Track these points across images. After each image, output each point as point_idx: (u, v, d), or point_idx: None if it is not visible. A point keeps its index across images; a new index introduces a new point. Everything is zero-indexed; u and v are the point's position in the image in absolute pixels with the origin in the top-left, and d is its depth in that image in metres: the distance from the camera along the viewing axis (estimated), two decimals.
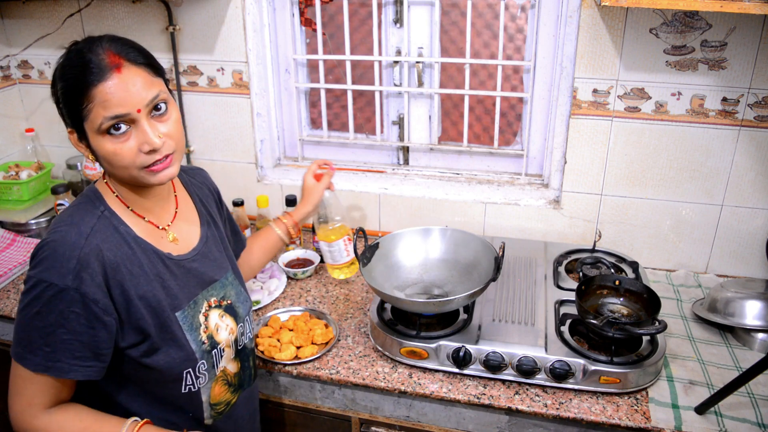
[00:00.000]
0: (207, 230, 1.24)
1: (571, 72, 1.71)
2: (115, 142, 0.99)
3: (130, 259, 1.06)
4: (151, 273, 1.08)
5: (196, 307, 1.15)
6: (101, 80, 0.96)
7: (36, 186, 2.10)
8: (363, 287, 1.76)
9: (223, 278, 1.23)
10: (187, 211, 1.23)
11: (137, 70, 0.99)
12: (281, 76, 2.05)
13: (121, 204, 1.10)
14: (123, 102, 0.97)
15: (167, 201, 1.18)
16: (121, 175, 1.04)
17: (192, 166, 1.35)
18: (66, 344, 1.01)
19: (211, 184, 1.35)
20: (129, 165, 1.00)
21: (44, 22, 2.06)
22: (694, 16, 1.55)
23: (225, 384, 1.22)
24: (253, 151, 2.05)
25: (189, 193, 1.26)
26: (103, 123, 0.97)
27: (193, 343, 1.12)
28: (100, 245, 1.02)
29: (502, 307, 1.51)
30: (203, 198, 1.28)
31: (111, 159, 1.00)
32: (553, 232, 1.87)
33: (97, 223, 1.05)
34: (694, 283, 1.74)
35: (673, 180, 1.72)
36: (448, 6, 1.85)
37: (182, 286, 1.13)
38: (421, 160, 2.05)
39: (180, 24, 1.93)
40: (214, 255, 1.23)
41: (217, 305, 1.20)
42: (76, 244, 1.01)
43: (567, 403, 1.31)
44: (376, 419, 1.46)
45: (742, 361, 1.42)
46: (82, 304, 1.00)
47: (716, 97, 1.61)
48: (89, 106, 0.97)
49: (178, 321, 1.11)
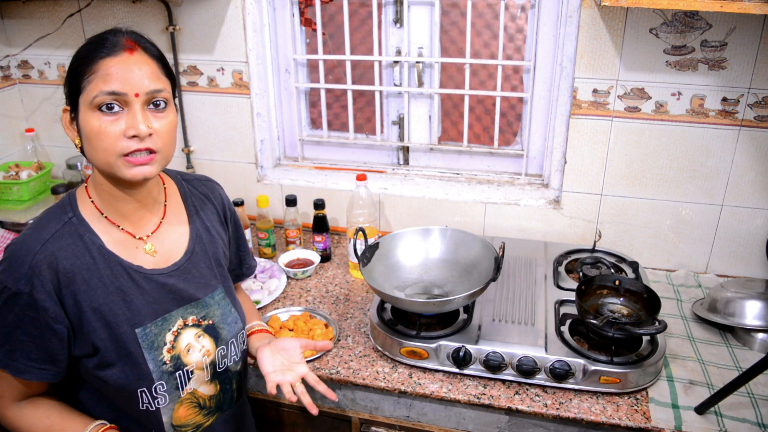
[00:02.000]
0: (196, 244, 1.17)
1: (571, 72, 1.71)
2: (103, 119, 0.96)
3: (89, 270, 1.03)
4: (111, 285, 1.04)
5: (165, 325, 1.09)
6: (110, 55, 0.97)
7: (36, 186, 2.10)
8: (363, 287, 1.76)
9: (208, 297, 1.16)
10: (177, 223, 1.16)
11: (148, 60, 1.00)
12: (281, 76, 2.05)
13: (94, 211, 1.06)
14: (124, 81, 0.96)
15: (151, 209, 1.12)
16: (98, 161, 1.00)
17: (201, 176, 1.29)
18: (23, 345, 1.02)
19: (219, 197, 1.27)
20: (108, 147, 0.97)
21: (44, 22, 2.06)
22: (694, 16, 1.55)
23: (194, 406, 1.16)
24: (253, 151, 2.05)
25: (185, 203, 1.20)
26: (98, 96, 0.95)
27: (151, 363, 1.06)
28: (56, 253, 1.00)
29: (502, 307, 1.51)
30: (201, 210, 1.21)
31: (93, 138, 0.97)
32: (553, 232, 1.87)
33: (60, 229, 1.02)
34: (694, 283, 1.74)
35: (673, 180, 1.72)
36: (448, 6, 1.85)
37: (149, 302, 1.08)
38: (421, 160, 2.05)
39: (180, 24, 1.93)
40: (200, 271, 1.16)
41: (195, 324, 1.13)
42: (31, 249, 0.99)
43: (567, 403, 1.31)
44: (376, 419, 1.46)
45: (742, 361, 1.42)
46: (35, 309, 0.99)
47: (716, 97, 1.61)
48: (90, 77, 0.96)
49: (137, 338, 1.05)
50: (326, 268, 1.88)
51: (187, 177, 1.25)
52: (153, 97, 0.99)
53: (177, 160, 2.12)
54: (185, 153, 2.10)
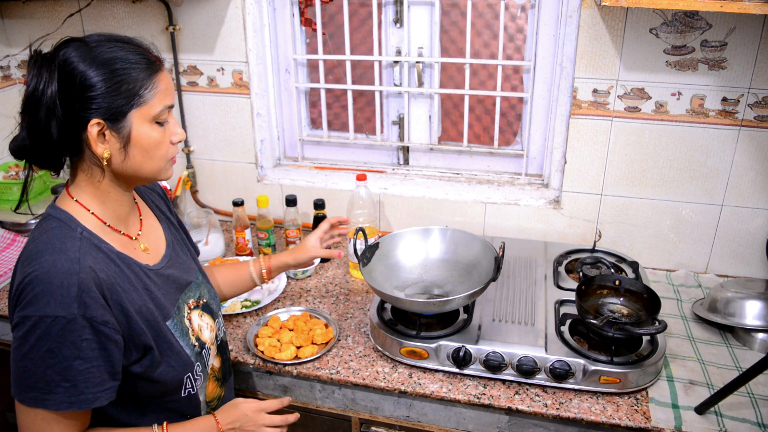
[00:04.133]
0: (169, 234, 1.23)
1: (571, 72, 1.71)
2: (162, 132, 1.04)
3: (120, 276, 1.04)
4: (139, 287, 1.07)
5: (180, 313, 1.16)
6: (160, 70, 1.03)
7: (36, 186, 2.10)
8: (363, 287, 1.76)
9: (195, 279, 1.24)
10: (150, 217, 1.22)
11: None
12: (281, 76, 2.05)
13: (96, 221, 1.06)
14: (172, 95, 1.05)
15: (133, 209, 1.16)
16: (149, 169, 1.05)
17: None
18: (85, 374, 0.97)
19: (157, 188, 1.31)
20: (164, 155, 1.05)
21: (44, 22, 2.06)
22: (694, 16, 1.55)
23: (215, 380, 1.25)
24: (253, 151, 2.05)
25: (143, 199, 1.24)
26: (162, 111, 1.02)
27: (187, 348, 1.13)
28: (93, 267, 0.99)
29: (502, 307, 1.51)
30: (156, 202, 1.27)
31: (152, 149, 1.03)
32: (553, 232, 1.87)
33: (81, 245, 1.00)
34: (694, 283, 1.74)
35: (673, 180, 1.72)
36: (448, 6, 1.85)
37: (165, 295, 1.13)
38: (421, 160, 2.05)
39: (180, 24, 1.93)
40: (181, 258, 1.23)
41: (195, 306, 1.21)
42: (71, 270, 0.96)
43: (567, 403, 1.31)
44: (376, 419, 1.46)
45: (742, 361, 1.42)
46: (92, 329, 0.96)
47: (716, 97, 1.61)
48: (152, 91, 1.00)
49: (170, 329, 1.11)
50: (326, 268, 1.88)
51: None
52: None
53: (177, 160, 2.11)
54: (185, 153, 2.10)
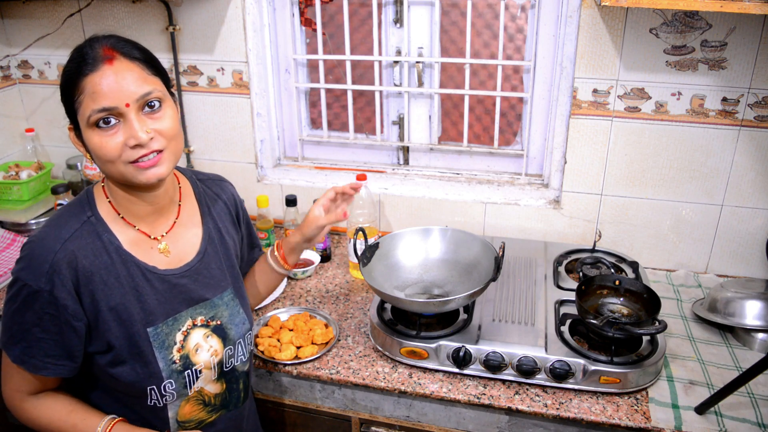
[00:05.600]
0: (208, 245, 1.18)
1: (571, 72, 1.71)
2: (103, 135, 0.97)
3: (107, 269, 1.04)
4: (127, 285, 1.06)
5: (176, 324, 1.11)
6: (92, 71, 0.96)
7: (36, 186, 2.09)
8: (363, 287, 1.76)
9: (217, 298, 1.17)
10: (190, 223, 1.17)
11: (130, 65, 0.99)
12: (281, 76, 2.05)
13: (111, 211, 1.08)
14: (111, 95, 0.95)
15: (167, 209, 1.13)
16: (110, 172, 1.01)
17: (214, 175, 1.29)
18: (41, 342, 1.03)
19: (231, 197, 1.28)
20: (114, 159, 0.98)
21: (44, 22, 2.06)
22: (694, 16, 1.55)
23: (199, 404, 1.17)
24: (253, 151, 2.05)
25: (198, 203, 1.20)
26: (92, 115, 0.96)
27: (161, 362, 1.08)
28: (76, 252, 1.02)
29: (502, 307, 1.51)
30: (214, 211, 1.22)
31: (98, 153, 0.99)
32: (553, 232, 1.87)
33: (80, 228, 1.04)
34: (694, 283, 1.74)
35: (673, 180, 1.72)
36: (448, 6, 1.85)
37: (162, 302, 1.09)
38: (421, 160, 2.05)
39: (180, 24, 1.93)
40: (210, 272, 1.17)
41: (204, 324, 1.15)
42: (52, 248, 1.01)
43: (567, 403, 1.31)
44: (376, 419, 1.46)
45: (742, 361, 1.42)
46: (55, 307, 1.01)
47: (716, 97, 1.61)
48: (80, 97, 0.96)
49: (149, 337, 1.07)
50: (326, 268, 1.88)
51: (202, 177, 1.26)
52: (145, 101, 0.99)
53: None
54: (185, 153, 2.10)
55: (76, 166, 2.13)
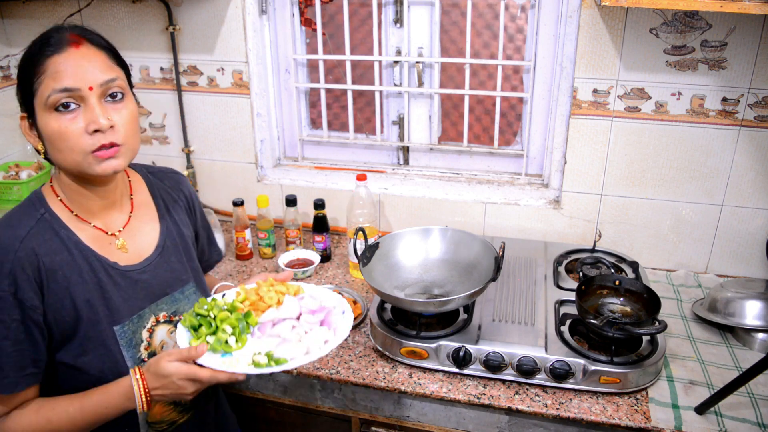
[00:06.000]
0: (167, 239, 1.16)
1: (571, 72, 1.71)
2: (62, 119, 0.94)
3: (69, 266, 1.01)
4: (90, 282, 1.03)
5: (140, 322, 1.09)
6: (57, 52, 0.94)
7: (36, 186, 2.09)
8: (363, 287, 1.76)
9: (178, 292, 1.15)
10: (146, 217, 1.15)
11: (96, 51, 0.98)
12: (281, 76, 2.05)
13: (64, 208, 1.04)
14: (75, 76, 0.94)
15: (119, 204, 1.11)
16: (64, 161, 0.98)
17: (166, 168, 1.27)
18: (12, 357, 0.98)
19: (184, 189, 1.25)
20: (74, 147, 0.95)
21: (44, 22, 2.05)
22: (694, 16, 1.55)
23: (169, 403, 1.15)
24: (253, 151, 2.05)
25: (153, 196, 1.18)
26: (52, 95, 0.93)
27: (129, 360, 1.06)
28: (36, 249, 0.98)
29: (502, 307, 1.51)
30: (169, 203, 1.20)
31: (56, 139, 0.95)
32: (553, 232, 1.87)
33: (35, 225, 1.00)
34: (694, 283, 1.74)
35: (673, 180, 1.72)
36: (448, 6, 1.85)
37: (126, 299, 1.07)
38: (421, 160, 2.05)
39: (180, 24, 1.93)
40: (171, 266, 1.15)
41: (166, 320, 1.12)
42: (10, 247, 0.96)
43: (567, 403, 1.31)
44: (376, 419, 1.46)
45: (742, 361, 1.42)
46: (20, 311, 0.97)
47: (716, 97, 1.61)
48: (41, 77, 0.94)
49: (116, 335, 1.05)
50: (326, 268, 1.88)
51: (153, 170, 1.24)
52: (108, 88, 0.97)
53: (177, 160, 2.12)
54: (185, 153, 2.09)
55: None
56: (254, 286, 1.14)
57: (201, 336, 1.02)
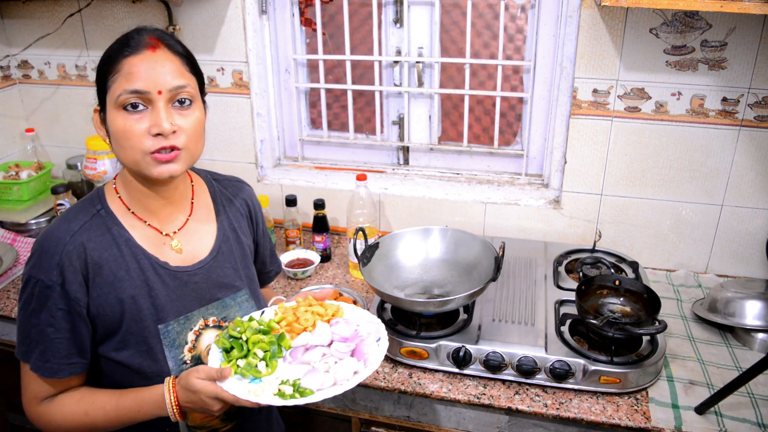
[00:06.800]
0: (222, 245, 1.16)
1: (571, 72, 1.71)
2: (129, 119, 0.97)
3: (116, 261, 1.04)
4: (137, 279, 1.05)
5: (187, 323, 1.09)
6: (133, 53, 0.97)
7: (36, 186, 2.10)
8: (363, 287, 1.76)
9: (229, 298, 1.15)
10: (204, 221, 1.16)
11: (172, 56, 1.00)
12: (281, 76, 2.05)
13: (122, 206, 1.08)
14: (147, 79, 0.96)
15: (178, 206, 1.12)
16: (127, 160, 1.00)
17: (231, 176, 1.28)
18: (54, 343, 1.02)
19: (248, 199, 1.25)
20: (135, 146, 0.98)
21: (44, 22, 2.06)
22: (694, 16, 1.55)
23: None
24: (253, 151, 2.05)
25: (214, 202, 1.19)
26: (122, 95, 0.96)
27: (171, 360, 1.07)
28: (85, 243, 1.02)
29: (502, 307, 1.51)
30: (230, 211, 1.20)
31: (120, 137, 0.98)
32: (553, 232, 1.87)
33: (89, 221, 1.04)
34: (694, 283, 1.74)
35: (673, 180, 1.72)
36: (449, 6, 1.85)
37: (173, 299, 1.08)
38: (421, 160, 2.05)
39: (180, 24, 1.93)
40: (224, 271, 1.15)
41: (215, 325, 1.13)
42: (61, 240, 1.00)
43: (567, 403, 1.31)
44: (376, 419, 1.46)
45: (742, 361, 1.42)
46: (66, 301, 1.00)
47: (716, 97, 1.61)
48: (115, 76, 0.97)
49: (159, 334, 1.06)
50: (326, 268, 1.88)
51: (218, 177, 1.25)
52: (177, 94, 0.99)
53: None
54: None
55: (76, 167, 2.13)
56: (294, 304, 1.14)
57: (232, 359, 1.02)
